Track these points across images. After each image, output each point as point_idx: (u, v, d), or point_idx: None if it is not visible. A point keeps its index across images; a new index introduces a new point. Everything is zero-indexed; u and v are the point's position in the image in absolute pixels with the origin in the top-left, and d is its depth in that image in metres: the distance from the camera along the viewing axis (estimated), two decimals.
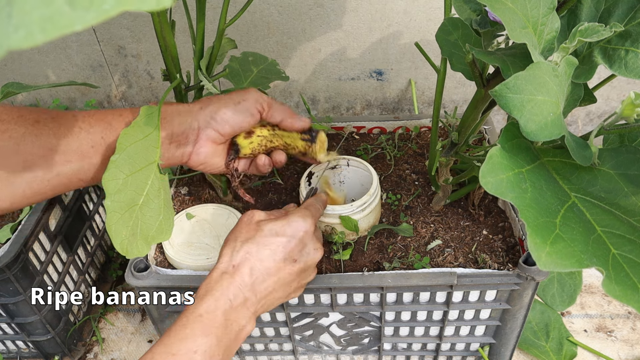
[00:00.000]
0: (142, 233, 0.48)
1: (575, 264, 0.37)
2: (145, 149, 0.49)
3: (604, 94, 1.10)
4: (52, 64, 1.13)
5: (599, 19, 0.49)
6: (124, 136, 0.47)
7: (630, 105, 0.43)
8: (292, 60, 1.07)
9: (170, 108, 0.54)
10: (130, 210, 0.46)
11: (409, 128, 0.87)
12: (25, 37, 0.17)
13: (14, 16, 0.17)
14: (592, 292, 0.92)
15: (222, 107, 0.56)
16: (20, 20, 0.17)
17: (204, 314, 0.49)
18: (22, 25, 0.17)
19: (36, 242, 0.77)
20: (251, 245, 0.54)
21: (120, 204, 0.45)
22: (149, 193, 0.48)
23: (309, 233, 0.57)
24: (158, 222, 0.49)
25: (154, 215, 0.49)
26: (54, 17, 0.17)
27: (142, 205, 0.47)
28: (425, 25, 1.00)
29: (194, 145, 0.56)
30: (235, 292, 0.51)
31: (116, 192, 0.45)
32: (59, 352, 0.86)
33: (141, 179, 0.48)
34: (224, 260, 0.54)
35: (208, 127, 0.56)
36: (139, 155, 0.48)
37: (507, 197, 0.40)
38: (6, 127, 0.45)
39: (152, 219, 0.49)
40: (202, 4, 0.61)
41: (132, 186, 0.47)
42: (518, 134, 0.44)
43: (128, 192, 0.46)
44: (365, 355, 0.80)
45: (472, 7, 0.54)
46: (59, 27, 0.17)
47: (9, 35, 0.17)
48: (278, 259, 0.54)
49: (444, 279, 0.62)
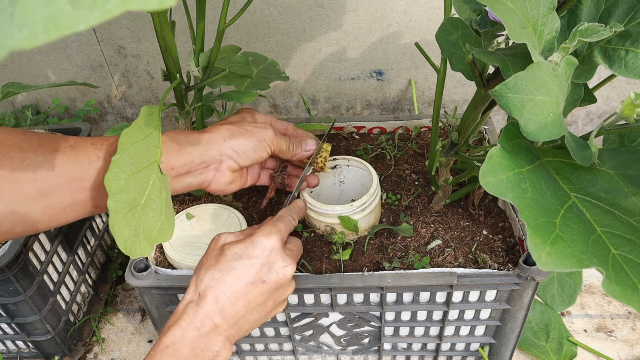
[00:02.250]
0: (145, 233, 0.48)
1: (575, 264, 0.37)
2: (146, 149, 0.49)
3: (604, 94, 1.10)
4: (52, 64, 1.13)
5: (599, 19, 0.49)
6: (124, 136, 0.47)
7: (630, 105, 0.43)
8: (292, 60, 1.07)
9: (190, 137, 0.56)
10: (132, 210, 0.46)
11: (409, 128, 0.87)
12: (28, 37, 0.17)
13: (16, 16, 0.17)
14: (592, 292, 0.92)
15: (245, 142, 0.59)
16: (23, 20, 0.17)
17: (170, 344, 0.49)
18: (25, 25, 0.17)
19: (36, 242, 0.77)
20: (214, 272, 0.53)
21: (122, 204, 0.45)
22: (151, 193, 0.48)
23: (275, 251, 0.55)
24: (160, 223, 0.49)
25: (156, 216, 0.49)
26: (56, 16, 0.17)
27: (144, 206, 0.47)
28: (425, 25, 1.00)
29: (215, 174, 0.58)
30: (202, 319, 0.50)
31: (118, 192, 0.45)
32: (59, 352, 0.86)
33: (143, 179, 0.48)
34: (190, 291, 0.53)
35: (230, 159, 0.59)
36: (140, 155, 0.48)
37: (507, 197, 0.40)
38: (25, 155, 0.45)
39: (154, 219, 0.49)
40: (202, 4, 0.61)
41: (134, 186, 0.47)
42: (518, 134, 0.44)
43: (130, 192, 0.46)
44: (365, 355, 0.80)
45: (472, 7, 0.54)
46: (61, 27, 0.17)
47: (12, 35, 0.17)
48: (244, 282, 0.53)
49: (444, 279, 0.62)
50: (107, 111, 1.23)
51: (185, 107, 0.68)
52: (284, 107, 1.17)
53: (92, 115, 1.24)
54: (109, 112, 1.23)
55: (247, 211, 0.77)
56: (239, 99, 0.66)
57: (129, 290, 0.98)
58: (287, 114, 1.18)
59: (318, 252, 0.69)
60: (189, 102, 0.69)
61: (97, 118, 1.25)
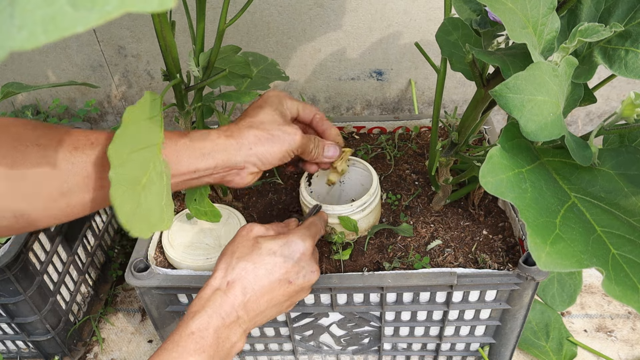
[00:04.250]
0: (145, 216, 0.46)
1: (575, 264, 0.37)
2: (149, 129, 0.48)
3: (604, 94, 1.10)
4: (52, 64, 1.13)
5: (599, 19, 0.49)
6: (129, 113, 0.46)
7: (630, 105, 0.43)
8: (292, 60, 1.07)
9: (217, 143, 0.55)
10: (133, 187, 0.45)
11: (409, 128, 0.87)
12: (27, 38, 0.17)
13: (16, 17, 0.17)
14: (592, 292, 0.92)
15: (271, 150, 0.58)
16: (23, 21, 0.17)
17: (196, 331, 0.49)
18: (24, 26, 0.17)
19: (36, 242, 0.77)
20: (247, 263, 0.54)
21: (124, 177, 0.44)
22: (152, 175, 0.47)
23: (306, 255, 0.56)
24: (160, 208, 0.48)
25: (157, 200, 0.47)
26: (56, 17, 0.17)
27: (145, 186, 0.46)
28: (425, 25, 1.00)
29: (235, 177, 0.58)
30: (228, 310, 0.51)
31: (120, 164, 0.44)
32: (59, 352, 0.86)
33: (145, 157, 0.47)
34: (218, 276, 0.54)
35: (254, 165, 0.58)
36: (143, 134, 0.47)
37: (507, 197, 0.40)
38: (44, 152, 0.44)
39: (155, 203, 0.47)
40: (202, 4, 0.61)
41: (136, 162, 0.45)
42: (518, 134, 0.44)
43: (132, 167, 0.45)
44: (365, 355, 0.80)
45: (472, 7, 0.54)
46: (61, 28, 0.17)
47: (12, 36, 0.17)
48: (273, 279, 0.54)
49: (444, 279, 0.62)
50: (107, 111, 1.23)
51: (185, 107, 0.68)
52: None
53: (92, 115, 1.24)
54: (109, 112, 1.23)
55: (247, 211, 0.77)
56: (239, 99, 0.66)
57: (129, 290, 0.98)
58: None
59: (318, 252, 0.70)
60: (189, 102, 0.69)
61: (97, 118, 1.25)
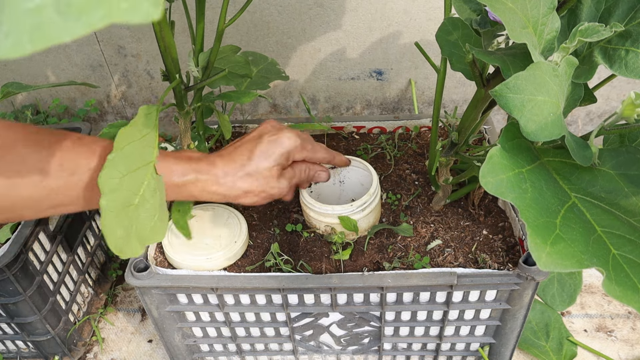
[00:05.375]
0: (137, 233, 0.47)
1: (576, 264, 0.37)
2: (142, 148, 0.49)
3: (604, 94, 1.10)
4: (52, 64, 1.13)
5: (599, 18, 0.49)
6: (121, 136, 0.47)
7: (630, 105, 0.43)
8: (292, 60, 1.07)
9: (204, 193, 0.57)
10: (125, 210, 0.46)
11: (409, 128, 0.87)
12: (13, 46, 0.17)
13: (3, 23, 0.17)
14: (592, 292, 0.92)
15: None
16: (10, 28, 0.17)
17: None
18: (11, 33, 0.17)
19: (36, 242, 0.77)
20: None
21: (115, 203, 0.45)
22: (145, 193, 0.48)
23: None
24: (153, 223, 0.49)
25: (149, 216, 0.49)
26: (43, 26, 0.17)
27: (137, 205, 0.47)
28: (425, 25, 1.00)
29: (242, 199, 0.60)
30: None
31: (111, 191, 0.45)
32: (59, 352, 0.86)
33: (137, 179, 0.47)
34: None
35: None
36: (136, 155, 0.48)
37: (507, 197, 0.40)
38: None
39: (147, 220, 0.48)
40: (202, 4, 0.61)
41: (128, 186, 0.46)
42: (518, 134, 0.44)
43: (124, 191, 0.46)
44: (365, 355, 0.80)
45: (472, 7, 0.54)
46: (47, 37, 0.17)
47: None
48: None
49: (444, 279, 0.62)
50: (107, 111, 1.23)
51: (185, 107, 0.68)
52: (284, 107, 1.17)
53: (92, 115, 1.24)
54: (109, 112, 1.23)
55: (247, 211, 0.77)
56: (238, 99, 0.66)
57: (129, 290, 0.98)
58: (287, 114, 1.18)
59: (318, 252, 0.69)
60: (189, 102, 0.69)
61: (97, 118, 1.25)
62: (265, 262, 0.69)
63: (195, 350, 0.79)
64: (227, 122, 0.73)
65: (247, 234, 0.71)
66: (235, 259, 0.69)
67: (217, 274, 0.66)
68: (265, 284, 0.64)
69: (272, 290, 0.65)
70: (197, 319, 0.73)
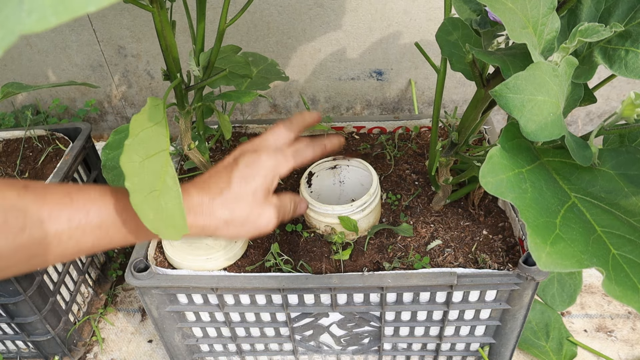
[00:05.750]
0: (169, 220, 0.45)
1: (576, 264, 0.37)
2: (157, 135, 0.49)
3: (604, 94, 1.10)
4: (52, 64, 1.13)
5: (599, 19, 0.49)
6: (134, 122, 0.47)
7: (630, 105, 0.43)
8: (292, 60, 1.07)
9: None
10: (151, 194, 0.44)
11: (409, 128, 0.87)
12: (38, 21, 0.17)
13: (25, 1, 0.17)
14: (592, 292, 0.92)
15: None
16: (32, 5, 0.17)
17: None
18: (34, 10, 0.17)
19: None
20: None
21: (141, 185, 0.44)
22: (166, 180, 0.47)
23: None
24: (181, 211, 0.46)
25: (176, 204, 0.46)
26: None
27: (162, 191, 0.46)
28: (425, 25, 1.00)
29: None
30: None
31: (134, 174, 0.43)
32: (59, 352, 0.86)
33: (157, 164, 0.47)
34: None
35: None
36: (151, 140, 0.47)
37: (507, 197, 0.40)
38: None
39: (176, 207, 0.46)
40: (202, 4, 0.61)
41: (149, 170, 0.45)
42: (518, 134, 0.44)
43: (146, 175, 0.45)
44: (365, 355, 0.80)
45: (472, 7, 0.54)
46: (71, 9, 0.17)
47: (21, 20, 0.17)
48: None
49: (444, 279, 0.62)
50: (107, 111, 1.23)
51: (185, 106, 0.68)
52: (284, 107, 1.17)
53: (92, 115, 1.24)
54: (109, 112, 1.23)
55: None
56: (239, 99, 0.66)
57: (129, 290, 0.98)
58: (287, 114, 1.18)
59: (318, 252, 0.69)
60: (189, 102, 0.69)
61: (97, 118, 1.25)
62: (265, 262, 0.69)
63: (195, 351, 0.79)
64: (227, 122, 0.73)
65: None
66: (235, 259, 0.69)
67: (217, 274, 0.66)
68: (265, 284, 0.64)
69: (272, 290, 0.65)
70: (197, 319, 0.73)
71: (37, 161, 0.89)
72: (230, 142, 0.89)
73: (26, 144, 0.92)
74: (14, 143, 0.93)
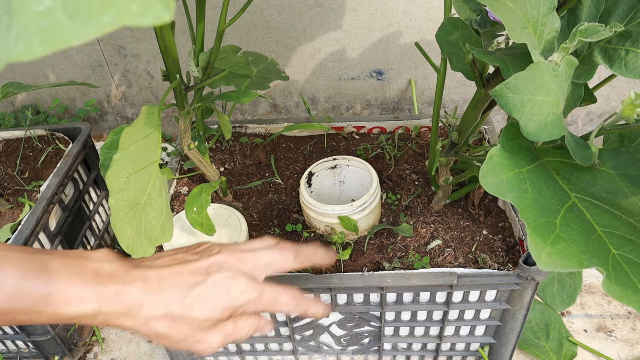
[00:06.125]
0: (146, 233, 0.48)
1: (576, 264, 0.37)
2: (147, 148, 0.49)
3: (604, 94, 1.10)
4: (52, 64, 1.13)
5: (599, 19, 0.49)
6: (125, 135, 0.47)
7: (630, 105, 0.43)
8: (292, 60, 1.07)
9: None
10: (134, 209, 0.46)
11: (409, 128, 0.87)
12: (25, 50, 0.17)
13: (13, 27, 0.17)
14: (592, 292, 0.92)
15: None
16: (20, 32, 0.17)
17: None
18: (21, 37, 0.17)
19: (36, 242, 0.77)
20: None
21: (124, 202, 0.45)
22: (151, 192, 0.48)
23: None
24: (161, 223, 0.49)
25: (157, 215, 0.49)
26: (53, 29, 0.17)
27: (145, 205, 0.47)
28: (425, 25, 1.00)
29: None
30: None
31: (119, 190, 0.45)
32: (59, 352, 0.86)
33: (143, 177, 0.48)
34: None
35: None
36: (141, 154, 0.48)
37: (507, 197, 0.40)
38: None
39: (155, 219, 0.49)
40: (202, 4, 0.61)
41: (135, 185, 0.46)
42: (518, 134, 0.44)
43: (131, 190, 0.46)
44: (365, 355, 0.80)
45: (472, 7, 0.54)
46: (58, 40, 0.17)
47: (9, 47, 0.17)
48: None
49: (444, 279, 0.62)
50: (107, 111, 1.23)
51: (185, 107, 0.68)
52: (284, 107, 1.17)
53: (92, 115, 1.24)
54: (109, 112, 1.23)
55: (247, 211, 0.77)
56: (238, 99, 0.66)
57: None
58: (287, 114, 1.18)
59: None
60: (189, 102, 0.69)
61: (97, 118, 1.25)
62: None
63: None
64: (227, 122, 0.73)
65: (247, 234, 0.71)
66: None
67: None
68: None
69: None
70: None
71: (37, 161, 0.89)
72: (230, 142, 0.89)
73: (26, 143, 0.92)
74: (14, 143, 0.93)
